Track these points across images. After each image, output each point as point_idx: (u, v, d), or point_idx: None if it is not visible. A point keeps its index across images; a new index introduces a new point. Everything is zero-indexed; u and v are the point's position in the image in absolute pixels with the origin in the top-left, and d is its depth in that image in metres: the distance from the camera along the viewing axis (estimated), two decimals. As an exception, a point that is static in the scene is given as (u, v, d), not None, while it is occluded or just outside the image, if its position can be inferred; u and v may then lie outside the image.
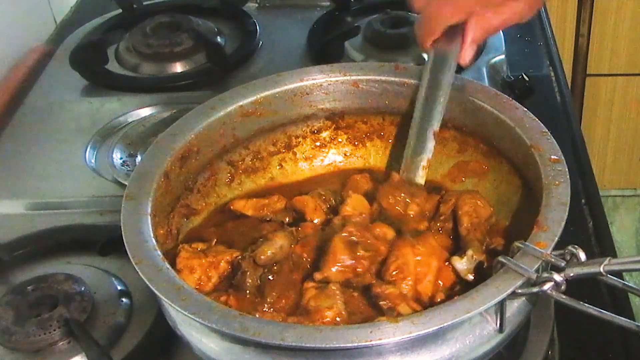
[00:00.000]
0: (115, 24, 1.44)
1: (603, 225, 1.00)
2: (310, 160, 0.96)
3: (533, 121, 0.81)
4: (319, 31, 1.38)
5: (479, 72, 1.22)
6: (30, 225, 1.01)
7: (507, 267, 0.65)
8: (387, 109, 0.93)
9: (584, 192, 1.04)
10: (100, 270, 0.92)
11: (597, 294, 0.87)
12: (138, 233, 0.73)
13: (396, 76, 0.90)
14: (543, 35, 1.38)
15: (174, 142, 0.84)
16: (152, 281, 0.68)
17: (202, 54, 1.34)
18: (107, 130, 1.18)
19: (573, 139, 1.14)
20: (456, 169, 0.90)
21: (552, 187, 0.73)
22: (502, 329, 0.68)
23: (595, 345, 0.85)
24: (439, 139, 0.90)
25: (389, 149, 0.95)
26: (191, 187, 0.86)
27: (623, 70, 2.29)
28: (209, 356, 0.70)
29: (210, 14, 1.46)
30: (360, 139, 0.96)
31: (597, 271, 0.63)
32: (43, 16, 1.52)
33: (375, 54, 1.29)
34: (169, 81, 1.31)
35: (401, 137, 0.92)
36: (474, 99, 0.86)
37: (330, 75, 0.92)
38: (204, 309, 0.65)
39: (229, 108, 0.88)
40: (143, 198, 0.77)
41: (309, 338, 0.62)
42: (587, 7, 2.19)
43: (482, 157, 0.88)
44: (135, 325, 0.85)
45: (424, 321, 0.62)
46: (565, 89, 1.25)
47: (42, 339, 0.82)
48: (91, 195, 1.05)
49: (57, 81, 1.31)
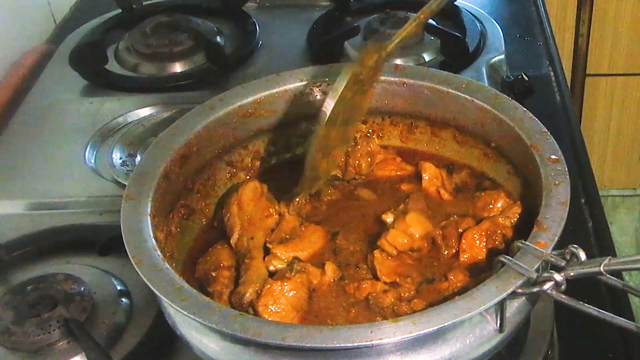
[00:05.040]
0: (115, 24, 1.44)
1: (603, 225, 1.00)
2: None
3: (533, 121, 0.81)
4: (319, 31, 1.38)
5: (479, 72, 1.22)
6: (30, 225, 1.01)
7: (507, 266, 0.66)
8: (387, 109, 0.93)
9: (584, 192, 1.04)
10: (100, 270, 0.92)
11: (597, 294, 0.87)
12: (138, 233, 0.73)
13: (396, 76, 0.90)
14: (543, 35, 1.38)
15: (174, 142, 0.84)
16: (152, 281, 0.68)
17: (202, 54, 1.34)
18: (106, 130, 1.18)
19: (573, 138, 1.14)
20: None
21: (552, 187, 0.73)
22: (502, 328, 0.68)
23: (595, 345, 0.85)
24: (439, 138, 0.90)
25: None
26: (191, 187, 0.86)
27: (622, 70, 2.29)
28: (209, 356, 0.70)
29: (210, 14, 1.46)
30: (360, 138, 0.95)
31: (597, 271, 0.63)
32: (43, 16, 1.52)
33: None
34: (168, 81, 1.31)
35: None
36: (474, 99, 0.86)
37: (329, 76, 0.91)
38: (204, 309, 0.65)
39: (228, 108, 0.88)
40: (143, 198, 0.77)
41: (309, 338, 0.62)
42: (587, 7, 2.19)
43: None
44: (135, 325, 0.85)
45: (424, 321, 0.62)
46: (565, 89, 1.25)
47: (42, 339, 0.82)
48: (91, 195, 1.05)
49: (57, 81, 1.31)
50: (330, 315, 0.74)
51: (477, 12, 1.39)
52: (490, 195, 0.83)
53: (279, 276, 0.75)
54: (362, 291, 0.75)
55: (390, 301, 0.72)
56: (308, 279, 0.75)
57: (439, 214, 0.83)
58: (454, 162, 0.91)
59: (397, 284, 0.75)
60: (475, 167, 0.89)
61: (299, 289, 0.73)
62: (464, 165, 0.90)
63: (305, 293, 0.74)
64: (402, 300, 0.72)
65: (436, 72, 0.90)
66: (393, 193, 0.88)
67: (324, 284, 0.76)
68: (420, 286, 0.75)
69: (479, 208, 0.83)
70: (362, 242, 0.82)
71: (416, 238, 0.78)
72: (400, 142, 0.94)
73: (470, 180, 0.88)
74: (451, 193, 0.86)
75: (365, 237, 0.82)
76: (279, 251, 0.79)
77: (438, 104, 0.89)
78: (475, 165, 0.89)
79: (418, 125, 0.93)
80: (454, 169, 0.89)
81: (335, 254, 0.81)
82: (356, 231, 0.83)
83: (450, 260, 0.78)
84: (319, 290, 0.76)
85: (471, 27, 1.34)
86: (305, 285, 0.74)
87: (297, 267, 0.75)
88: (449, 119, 0.89)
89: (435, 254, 0.79)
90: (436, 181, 0.87)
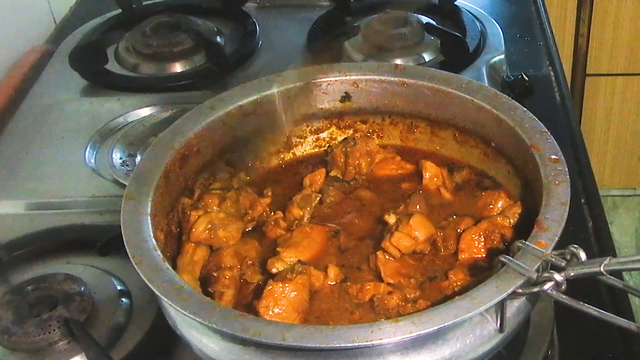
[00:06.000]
0: (115, 24, 1.44)
1: (603, 225, 1.00)
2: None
3: (533, 121, 0.81)
4: (319, 31, 1.38)
5: (479, 72, 1.22)
6: (30, 225, 1.01)
7: (508, 266, 0.66)
8: (386, 109, 0.93)
9: (584, 191, 1.04)
10: (99, 270, 0.92)
11: (597, 294, 0.87)
12: (138, 233, 0.73)
13: (396, 76, 0.90)
14: (543, 35, 1.38)
15: (174, 142, 0.84)
16: (152, 281, 0.68)
17: (202, 54, 1.34)
18: (106, 130, 1.18)
19: (573, 138, 1.14)
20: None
21: (552, 187, 0.73)
22: (503, 328, 0.68)
23: (595, 345, 0.85)
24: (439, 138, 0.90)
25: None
26: (191, 187, 0.86)
27: (622, 70, 2.29)
28: (209, 356, 0.70)
29: (210, 14, 1.46)
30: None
31: (597, 270, 0.63)
32: (43, 16, 1.52)
33: (375, 54, 1.29)
34: (168, 81, 1.31)
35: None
36: (474, 99, 0.86)
37: (330, 75, 0.92)
38: (204, 309, 0.65)
39: (228, 108, 0.88)
40: (143, 198, 0.77)
41: (309, 338, 0.62)
42: (587, 7, 2.19)
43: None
44: (135, 325, 0.85)
45: (424, 321, 0.62)
46: (565, 89, 1.25)
47: (42, 339, 0.82)
48: (91, 195, 1.05)
49: (57, 81, 1.31)
50: (333, 317, 0.74)
51: (477, 12, 1.39)
52: (490, 195, 0.83)
53: (280, 277, 0.75)
54: (365, 293, 0.74)
55: (396, 302, 0.72)
56: (309, 281, 0.75)
57: (439, 213, 0.84)
58: (454, 161, 0.91)
59: (401, 284, 0.75)
60: (475, 166, 0.89)
61: (300, 290, 0.73)
62: (464, 165, 0.90)
63: (307, 294, 0.74)
64: (408, 301, 0.72)
65: (436, 72, 0.90)
66: (394, 192, 0.88)
67: (326, 286, 0.76)
68: (422, 285, 0.75)
69: (479, 208, 0.83)
70: (363, 242, 0.82)
71: (420, 241, 0.78)
72: (400, 142, 0.94)
73: (471, 180, 0.88)
74: (452, 192, 0.86)
75: (367, 237, 0.82)
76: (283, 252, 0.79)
77: (438, 104, 0.89)
78: (475, 165, 0.89)
79: (418, 125, 0.93)
80: (454, 168, 0.89)
81: (336, 254, 0.81)
82: (358, 231, 0.83)
83: (450, 259, 0.78)
84: (321, 292, 0.76)
85: (471, 27, 1.34)
86: (307, 287, 0.74)
87: (298, 269, 0.75)
88: (449, 119, 0.89)
89: (435, 254, 0.79)
90: (437, 180, 0.87)
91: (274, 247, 0.81)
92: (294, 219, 0.84)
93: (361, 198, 0.88)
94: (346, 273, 0.78)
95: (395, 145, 0.94)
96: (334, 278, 0.77)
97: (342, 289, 0.76)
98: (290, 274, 0.74)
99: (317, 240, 0.81)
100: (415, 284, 0.75)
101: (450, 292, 0.74)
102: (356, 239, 0.82)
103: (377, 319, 0.72)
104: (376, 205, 0.86)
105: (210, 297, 0.74)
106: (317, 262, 0.79)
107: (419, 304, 0.72)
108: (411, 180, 0.89)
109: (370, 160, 0.91)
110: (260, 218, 0.86)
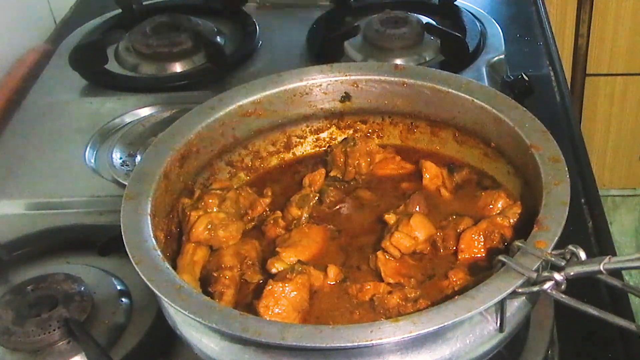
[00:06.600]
0: (115, 24, 1.44)
1: (603, 225, 1.00)
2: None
3: (533, 121, 0.81)
4: (319, 31, 1.38)
5: (479, 72, 1.22)
6: (30, 225, 1.01)
7: (508, 266, 0.66)
8: (386, 109, 0.93)
9: (584, 191, 1.04)
10: (99, 270, 0.92)
11: (597, 294, 0.87)
12: (138, 233, 0.73)
13: (396, 76, 0.90)
14: (543, 35, 1.38)
15: (174, 142, 0.84)
16: (152, 281, 0.68)
17: (202, 54, 1.34)
18: (106, 130, 1.18)
19: (572, 138, 1.14)
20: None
21: (552, 187, 0.73)
22: (502, 328, 0.68)
23: (595, 345, 0.84)
24: (439, 138, 0.90)
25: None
26: (191, 187, 0.86)
27: (622, 70, 2.29)
28: (209, 356, 0.70)
29: (210, 14, 1.46)
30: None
31: (597, 270, 0.63)
32: (43, 16, 1.52)
33: (375, 54, 1.29)
34: (168, 81, 1.31)
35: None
36: (474, 99, 0.86)
37: (330, 75, 0.92)
38: (204, 309, 0.65)
39: (228, 108, 0.88)
40: (143, 198, 0.77)
41: (309, 338, 0.62)
42: (587, 7, 2.19)
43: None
44: (135, 325, 0.85)
45: (424, 321, 0.62)
46: (565, 89, 1.25)
47: (42, 339, 0.81)
48: (91, 195, 1.05)
49: (57, 81, 1.31)
50: (333, 317, 0.74)
51: (477, 12, 1.39)
52: (490, 195, 0.83)
53: (280, 277, 0.75)
54: (365, 292, 0.74)
55: (396, 302, 0.72)
56: (309, 280, 0.75)
57: (439, 213, 0.84)
58: (454, 161, 0.91)
59: (401, 284, 0.75)
60: (475, 166, 0.89)
61: (299, 290, 0.73)
62: (464, 165, 0.90)
63: (307, 294, 0.74)
64: (408, 301, 0.72)
65: (436, 72, 0.90)
66: (394, 192, 0.88)
67: (326, 285, 0.76)
68: (422, 284, 0.75)
69: (479, 208, 0.83)
70: (363, 242, 0.82)
71: (420, 241, 0.78)
72: (400, 142, 0.94)
73: (471, 179, 0.88)
74: (452, 192, 0.87)
75: (367, 237, 0.82)
76: (282, 252, 0.79)
77: (438, 104, 0.89)
78: (475, 165, 0.89)
79: (418, 125, 0.93)
80: (454, 168, 0.89)
81: (336, 254, 0.81)
82: (358, 231, 0.83)
83: (450, 259, 0.78)
84: (320, 292, 0.76)
85: (471, 27, 1.34)
86: (306, 287, 0.74)
87: (298, 269, 0.75)
88: (449, 118, 0.89)
89: (435, 254, 0.79)
90: (437, 180, 0.87)
91: (274, 247, 0.81)
92: (293, 218, 0.85)
93: (361, 198, 0.88)
94: (346, 273, 0.78)
95: (395, 145, 0.94)
96: (333, 278, 0.77)
97: (342, 289, 0.76)
98: (290, 273, 0.74)
99: (316, 240, 0.81)
100: (416, 284, 0.75)
101: (450, 292, 0.74)
102: (356, 238, 0.82)
103: (377, 318, 0.72)
104: (376, 205, 0.86)
105: (210, 297, 0.74)
106: (317, 262, 0.79)
107: (419, 303, 0.72)
108: (411, 180, 0.89)
109: (370, 160, 0.91)
110: (260, 218, 0.86)
